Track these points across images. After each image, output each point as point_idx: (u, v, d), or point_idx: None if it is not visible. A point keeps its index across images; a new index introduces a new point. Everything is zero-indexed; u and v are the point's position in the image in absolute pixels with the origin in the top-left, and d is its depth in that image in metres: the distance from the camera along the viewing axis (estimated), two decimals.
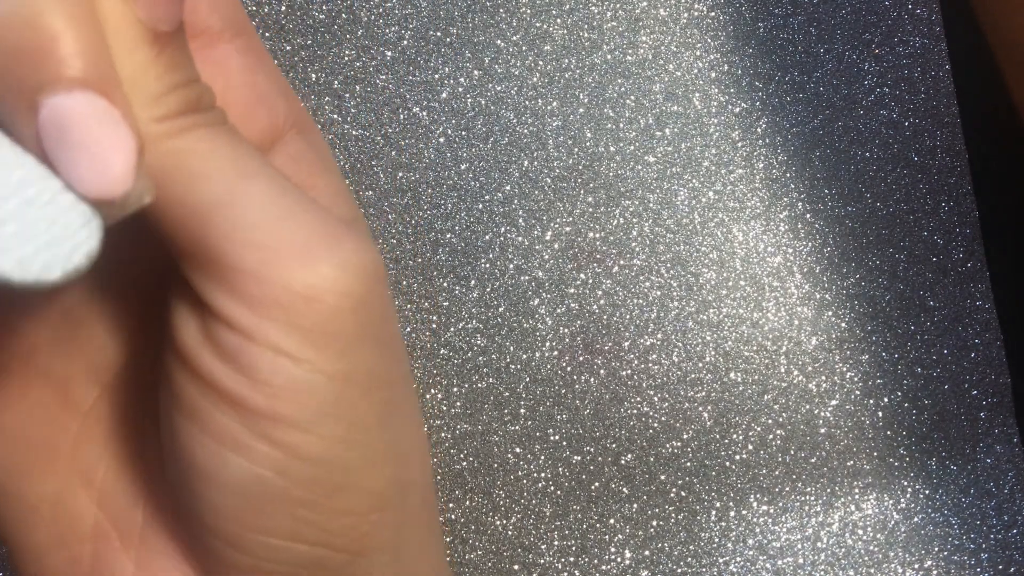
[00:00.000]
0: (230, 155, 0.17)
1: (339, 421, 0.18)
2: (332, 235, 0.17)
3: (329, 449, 0.18)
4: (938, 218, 0.37)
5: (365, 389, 0.18)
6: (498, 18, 0.38)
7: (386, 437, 0.19)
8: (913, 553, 0.36)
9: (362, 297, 0.18)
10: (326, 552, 0.19)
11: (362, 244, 0.18)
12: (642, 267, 0.37)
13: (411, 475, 0.20)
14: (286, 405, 0.17)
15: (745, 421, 0.36)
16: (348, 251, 0.17)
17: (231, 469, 0.17)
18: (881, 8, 0.38)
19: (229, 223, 0.17)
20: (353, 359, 0.18)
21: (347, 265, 0.17)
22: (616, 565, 0.36)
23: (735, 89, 0.38)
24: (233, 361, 0.17)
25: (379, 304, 0.18)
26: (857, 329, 0.37)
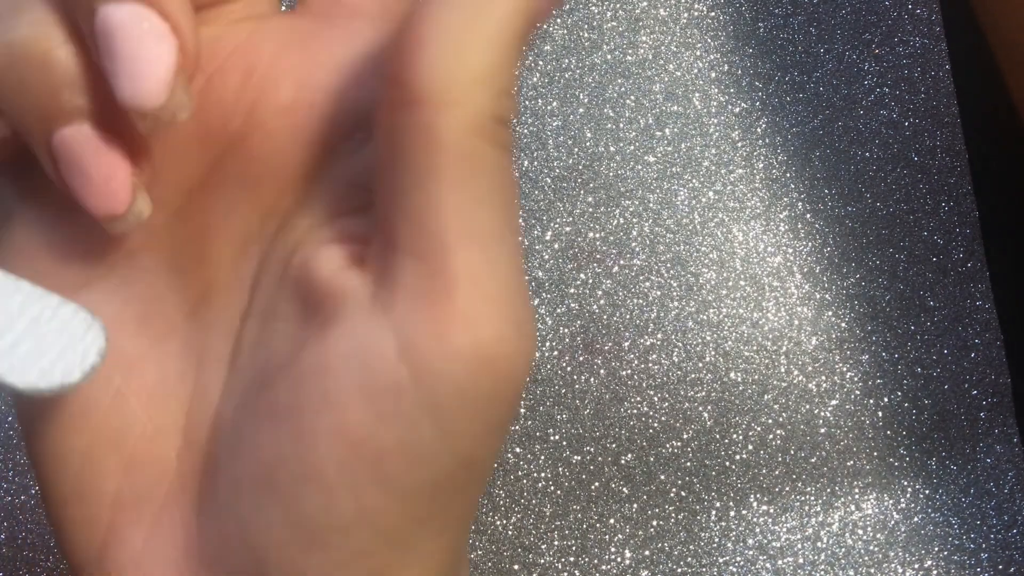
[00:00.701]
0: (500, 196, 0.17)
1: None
2: (533, 317, 0.18)
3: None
4: (938, 218, 0.37)
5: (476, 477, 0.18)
6: None
7: (456, 533, 0.18)
8: (913, 553, 0.36)
9: (521, 391, 0.17)
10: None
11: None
12: (642, 267, 0.37)
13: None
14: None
15: (745, 421, 0.36)
16: (534, 336, 0.17)
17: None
18: (881, 8, 0.38)
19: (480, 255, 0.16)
20: (483, 441, 0.17)
21: (533, 348, 0.17)
22: (616, 565, 0.36)
23: (735, 89, 0.38)
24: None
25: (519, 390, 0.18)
26: (857, 329, 0.37)
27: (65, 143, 0.17)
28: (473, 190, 0.16)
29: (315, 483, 0.17)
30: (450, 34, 0.16)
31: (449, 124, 0.16)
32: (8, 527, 0.35)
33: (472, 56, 0.16)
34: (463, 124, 0.16)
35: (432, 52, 0.16)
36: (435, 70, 0.16)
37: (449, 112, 0.16)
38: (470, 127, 0.16)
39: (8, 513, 0.36)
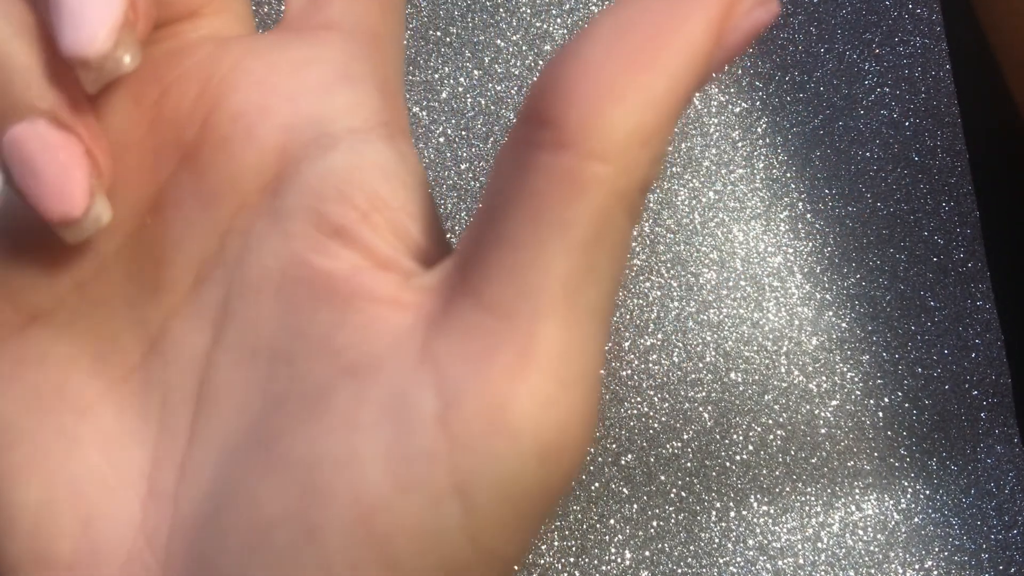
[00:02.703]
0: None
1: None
2: (593, 407, 0.15)
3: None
4: (939, 218, 0.37)
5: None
6: (498, 18, 0.38)
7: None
8: (913, 553, 0.36)
9: (569, 485, 0.15)
10: None
11: None
12: (642, 267, 0.37)
13: None
14: None
15: (745, 421, 0.36)
16: (595, 425, 0.15)
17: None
18: (881, 8, 0.38)
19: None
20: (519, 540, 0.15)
21: (590, 440, 0.15)
22: (616, 565, 0.36)
23: (735, 89, 0.38)
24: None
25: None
26: (857, 329, 0.37)
27: (17, 140, 0.16)
28: (591, 260, 0.14)
29: (314, 549, 0.15)
30: (621, 76, 0.14)
31: (598, 180, 0.14)
32: None
33: (641, 111, 0.14)
34: (611, 185, 0.14)
35: (596, 94, 0.14)
36: (597, 117, 0.14)
37: (600, 167, 0.14)
38: (616, 191, 0.14)
39: None
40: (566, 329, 0.14)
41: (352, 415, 0.15)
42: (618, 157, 0.14)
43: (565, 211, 0.14)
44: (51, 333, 0.18)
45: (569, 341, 0.14)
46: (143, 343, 0.18)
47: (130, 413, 0.18)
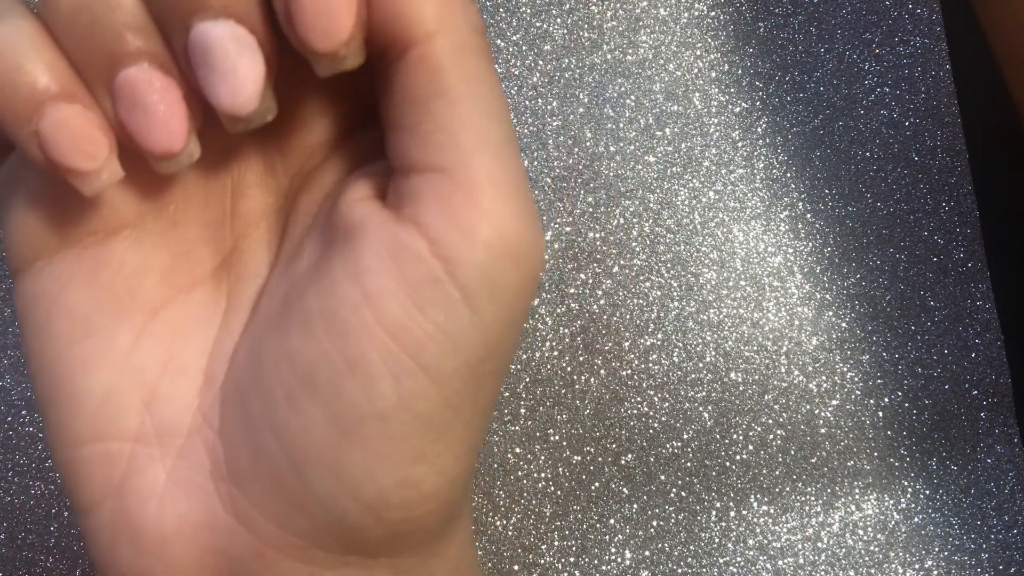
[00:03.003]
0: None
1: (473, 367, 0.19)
2: (536, 215, 0.19)
3: (452, 391, 0.18)
4: (938, 218, 0.37)
5: (499, 363, 0.19)
6: (498, 18, 0.38)
7: (480, 421, 0.20)
8: (913, 553, 0.36)
9: (536, 283, 0.19)
10: (376, 524, 0.19)
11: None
12: (642, 267, 0.37)
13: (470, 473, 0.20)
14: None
15: (745, 421, 0.36)
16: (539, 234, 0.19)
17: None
18: (881, 8, 0.38)
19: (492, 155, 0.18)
20: (511, 323, 0.19)
21: (543, 241, 0.19)
22: (616, 565, 0.36)
23: (735, 89, 0.38)
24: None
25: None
26: (857, 329, 0.37)
27: (130, 81, 0.18)
28: (478, 104, 0.18)
29: (358, 374, 0.18)
30: None
31: (444, 49, 0.18)
32: (8, 527, 0.35)
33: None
34: (454, 46, 0.18)
35: (404, 2, 0.18)
36: (416, 12, 0.18)
37: (439, 40, 0.18)
38: (460, 47, 0.18)
39: (8, 513, 0.35)
40: (490, 160, 0.18)
41: (355, 264, 0.18)
42: (444, 26, 0.18)
43: (438, 83, 0.18)
44: (131, 244, 0.21)
45: (496, 167, 0.18)
46: (215, 258, 0.22)
47: (195, 317, 0.21)
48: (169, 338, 0.21)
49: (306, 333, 0.19)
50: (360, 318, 0.18)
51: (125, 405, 0.20)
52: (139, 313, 0.21)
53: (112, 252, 0.21)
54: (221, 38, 0.18)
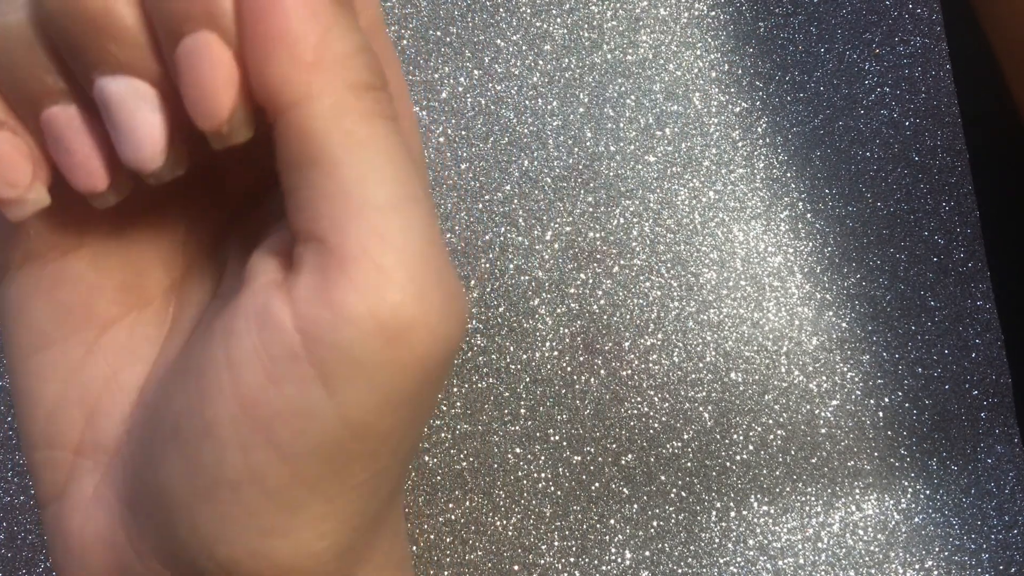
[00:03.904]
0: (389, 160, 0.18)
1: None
2: (452, 290, 0.18)
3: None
4: (939, 218, 0.37)
5: (390, 445, 0.18)
6: (498, 18, 0.38)
7: (354, 499, 0.19)
8: (914, 553, 0.36)
9: (433, 364, 0.18)
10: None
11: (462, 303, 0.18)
12: (642, 267, 0.37)
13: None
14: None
15: (746, 421, 0.36)
16: (455, 308, 0.18)
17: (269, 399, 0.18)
18: (881, 8, 0.38)
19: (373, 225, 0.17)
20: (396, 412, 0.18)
21: (445, 320, 0.18)
22: (616, 566, 0.36)
23: (735, 89, 0.38)
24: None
25: (446, 372, 0.18)
26: (858, 329, 0.37)
27: (51, 121, 0.18)
28: (358, 168, 0.17)
29: (211, 438, 0.18)
30: (268, 40, 0.17)
31: (315, 115, 0.17)
32: (8, 527, 0.35)
33: (299, 49, 0.17)
34: (328, 110, 0.17)
35: (266, 62, 0.17)
36: (282, 78, 0.17)
37: (309, 106, 0.17)
38: (335, 110, 0.17)
39: (8, 513, 0.35)
40: (365, 229, 0.17)
41: (228, 324, 0.18)
42: (312, 90, 0.17)
43: (308, 151, 0.17)
44: (87, 262, 0.21)
45: (373, 237, 0.17)
46: (166, 280, 0.22)
47: (141, 336, 0.22)
48: (115, 355, 0.21)
49: (182, 384, 0.19)
50: (219, 381, 0.18)
51: (70, 417, 0.21)
52: (91, 329, 0.21)
53: (71, 268, 0.21)
54: (118, 94, 0.17)
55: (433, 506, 0.35)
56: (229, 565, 0.18)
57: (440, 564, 0.35)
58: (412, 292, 0.17)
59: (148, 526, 0.19)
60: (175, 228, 0.22)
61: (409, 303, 0.17)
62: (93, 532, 0.20)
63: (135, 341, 0.21)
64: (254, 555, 0.18)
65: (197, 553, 0.18)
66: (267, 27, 0.17)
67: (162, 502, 0.18)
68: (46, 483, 0.21)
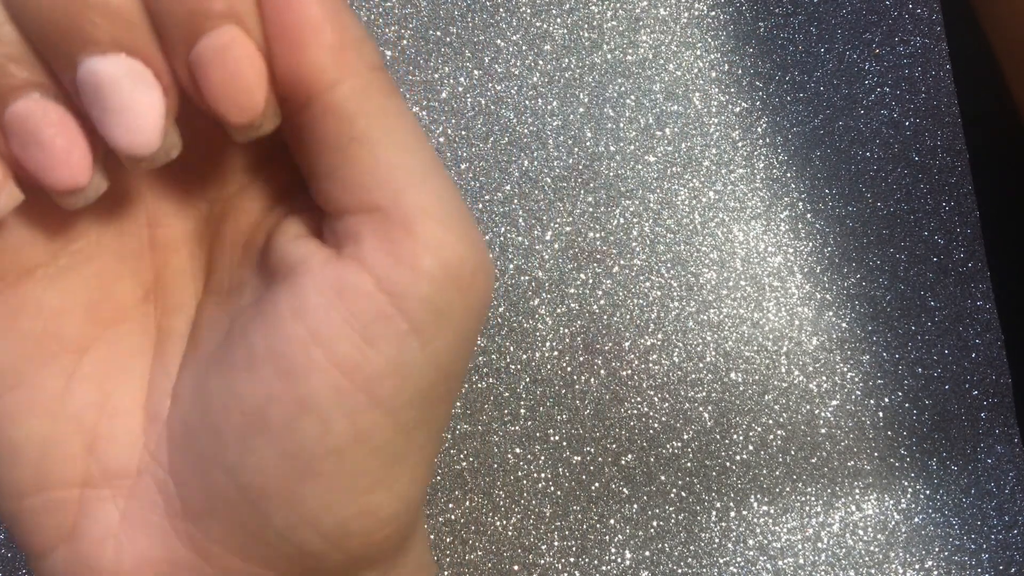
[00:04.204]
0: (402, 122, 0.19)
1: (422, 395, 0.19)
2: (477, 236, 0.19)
3: (401, 420, 0.18)
4: (939, 218, 0.37)
5: (448, 377, 0.19)
6: (498, 18, 0.38)
7: (435, 441, 0.20)
8: (914, 553, 0.36)
9: (487, 303, 0.19)
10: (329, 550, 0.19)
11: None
12: (642, 267, 0.37)
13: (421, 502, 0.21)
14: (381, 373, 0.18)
15: (745, 421, 0.36)
16: (488, 252, 0.19)
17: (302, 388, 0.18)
18: (881, 8, 0.38)
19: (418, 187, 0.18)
20: (457, 347, 0.19)
21: (490, 262, 0.19)
22: (616, 566, 0.36)
23: (735, 89, 0.38)
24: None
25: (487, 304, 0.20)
26: (858, 329, 0.37)
27: (20, 116, 0.17)
28: (394, 140, 0.18)
29: (310, 414, 0.18)
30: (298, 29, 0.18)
31: (348, 94, 0.18)
32: None
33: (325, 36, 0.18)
34: (358, 89, 0.18)
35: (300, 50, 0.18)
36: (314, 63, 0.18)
37: (342, 87, 0.18)
38: (364, 89, 0.18)
39: None
40: (419, 193, 0.18)
41: (300, 303, 0.18)
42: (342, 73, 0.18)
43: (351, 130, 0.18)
44: (47, 284, 0.20)
45: (427, 198, 0.18)
46: (138, 290, 0.21)
47: (125, 352, 0.21)
48: (101, 378, 0.20)
49: (253, 373, 0.18)
50: (309, 357, 0.18)
51: (66, 453, 0.19)
52: (66, 355, 0.20)
53: (28, 295, 0.19)
54: (113, 74, 0.17)
55: (433, 506, 0.35)
56: (335, 532, 0.19)
57: (440, 564, 0.35)
58: (469, 242, 0.18)
59: (224, 528, 0.19)
60: (137, 232, 0.21)
61: (470, 252, 0.18)
62: (135, 557, 0.19)
63: (121, 360, 0.20)
64: (362, 514, 0.19)
65: (296, 532, 0.19)
66: (295, 16, 0.17)
67: (250, 496, 0.18)
68: (48, 528, 0.20)
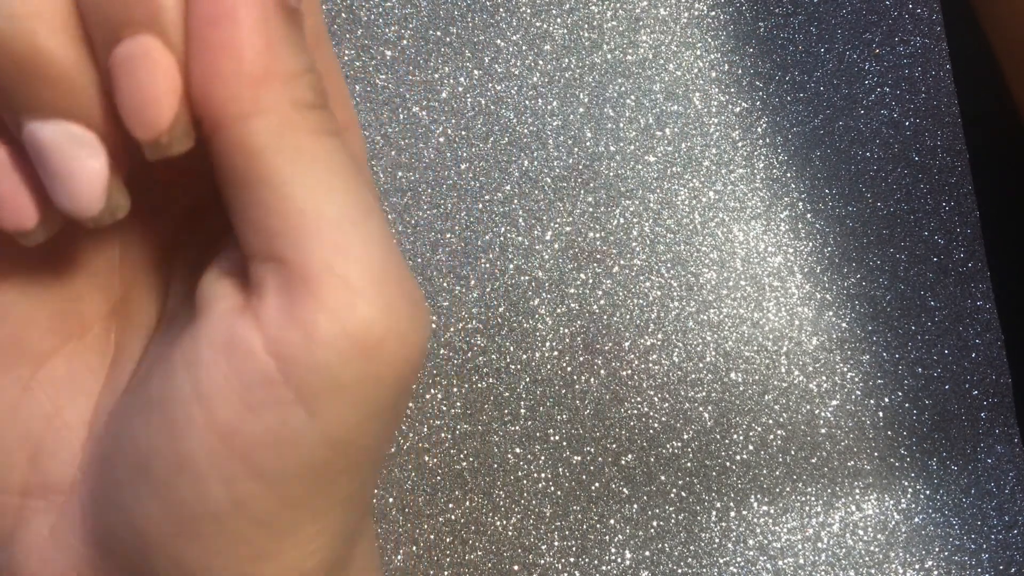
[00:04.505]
0: (331, 168, 0.17)
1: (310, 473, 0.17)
2: (415, 297, 0.17)
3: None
4: (939, 218, 0.37)
5: (354, 461, 0.18)
6: (498, 18, 0.38)
7: (345, 511, 0.19)
8: (914, 553, 0.36)
9: (407, 373, 0.17)
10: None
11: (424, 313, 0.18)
12: (642, 267, 0.37)
13: None
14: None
15: (745, 421, 0.36)
16: (421, 315, 0.17)
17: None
18: (881, 8, 0.38)
19: (325, 238, 0.17)
20: (356, 428, 0.17)
21: (415, 328, 0.17)
22: (616, 566, 0.36)
23: (735, 89, 0.38)
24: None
25: (416, 378, 0.18)
26: (858, 329, 0.37)
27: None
28: (310, 184, 0.17)
29: (187, 473, 0.17)
30: (218, 50, 0.16)
31: (261, 131, 0.16)
32: None
33: (244, 63, 0.16)
34: (274, 126, 0.16)
35: (214, 72, 0.16)
36: (228, 92, 0.16)
37: (255, 122, 0.16)
38: (281, 127, 0.16)
39: None
40: (325, 245, 0.16)
41: (192, 354, 0.17)
42: (255, 107, 0.16)
43: (256, 169, 0.16)
44: (12, 294, 0.19)
45: (334, 252, 0.16)
46: (104, 306, 0.20)
47: (82, 367, 0.20)
48: (55, 389, 0.20)
49: (145, 419, 0.18)
50: (189, 415, 0.17)
51: (10, 460, 0.19)
52: (26, 365, 0.20)
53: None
54: (53, 140, 0.16)
55: (433, 506, 0.35)
56: None
57: (440, 564, 0.35)
58: (381, 304, 0.17)
59: (121, 565, 0.18)
60: (109, 249, 0.20)
61: (380, 316, 0.17)
62: (55, 574, 0.19)
63: (76, 374, 0.20)
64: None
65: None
66: (219, 36, 0.16)
67: (138, 542, 0.18)
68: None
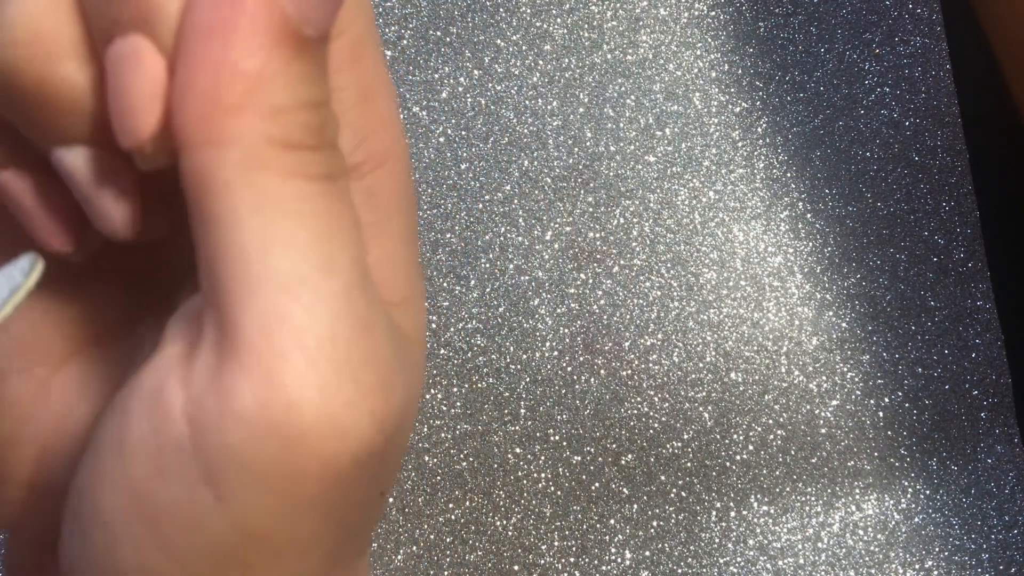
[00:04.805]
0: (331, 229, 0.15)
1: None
2: (369, 380, 0.15)
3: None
4: (939, 218, 0.37)
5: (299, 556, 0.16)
6: (498, 18, 0.38)
7: None
8: (914, 553, 0.36)
9: (343, 467, 0.15)
10: None
11: (397, 393, 0.16)
12: (642, 267, 0.37)
13: None
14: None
15: (746, 421, 0.36)
16: (371, 403, 0.15)
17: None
18: (881, 8, 0.38)
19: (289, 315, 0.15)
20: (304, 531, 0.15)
21: (356, 418, 0.15)
22: (616, 566, 0.36)
23: (735, 89, 0.38)
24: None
25: (370, 470, 0.16)
26: (858, 329, 0.37)
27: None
28: (261, 231, 0.14)
29: (101, 528, 0.16)
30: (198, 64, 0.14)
31: (225, 165, 0.14)
32: None
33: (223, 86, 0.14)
34: (241, 163, 0.14)
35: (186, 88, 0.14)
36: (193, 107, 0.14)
37: (221, 154, 0.14)
38: (241, 162, 0.14)
39: None
40: (267, 305, 0.14)
41: (124, 402, 0.16)
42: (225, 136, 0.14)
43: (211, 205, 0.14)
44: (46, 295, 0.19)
45: (275, 315, 0.14)
46: (127, 319, 0.20)
47: (95, 373, 0.19)
48: (68, 393, 0.19)
49: (83, 459, 0.16)
50: (108, 466, 0.15)
51: (20, 455, 0.19)
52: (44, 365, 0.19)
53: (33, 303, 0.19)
54: (76, 166, 0.16)
55: (433, 506, 0.35)
56: None
57: (440, 564, 0.35)
58: (312, 385, 0.14)
59: None
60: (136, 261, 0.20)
61: (308, 399, 0.14)
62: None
63: (89, 380, 0.19)
64: None
65: None
66: (205, 49, 0.14)
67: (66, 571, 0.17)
68: None
